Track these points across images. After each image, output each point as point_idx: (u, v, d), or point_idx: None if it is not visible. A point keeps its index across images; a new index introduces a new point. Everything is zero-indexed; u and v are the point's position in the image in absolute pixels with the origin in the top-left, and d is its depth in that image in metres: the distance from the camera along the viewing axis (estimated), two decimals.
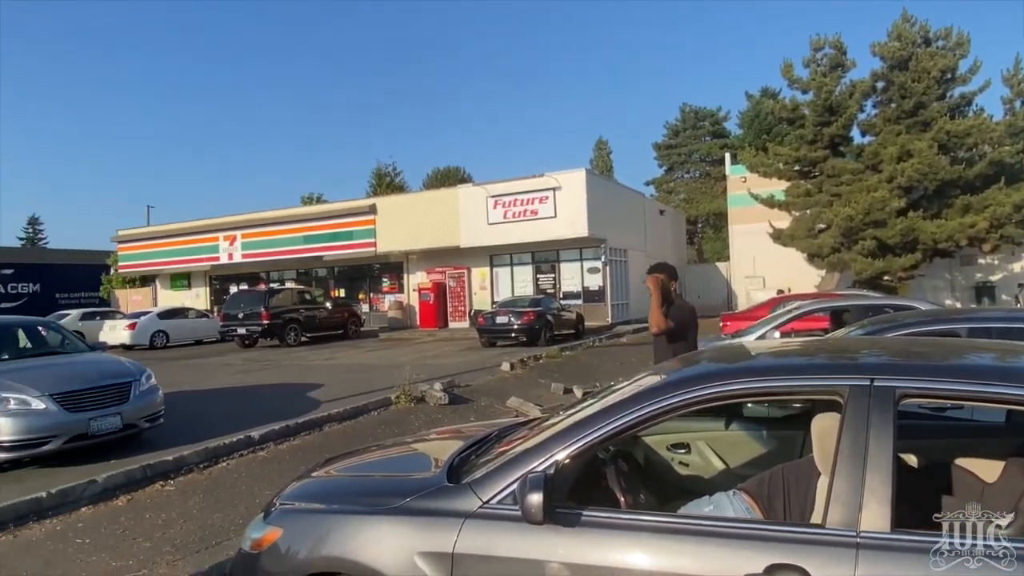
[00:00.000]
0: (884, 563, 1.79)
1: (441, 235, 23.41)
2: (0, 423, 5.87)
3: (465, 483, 2.41)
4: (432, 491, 2.42)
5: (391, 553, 2.25)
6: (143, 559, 4.09)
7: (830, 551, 1.84)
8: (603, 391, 3.18)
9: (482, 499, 2.26)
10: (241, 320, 19.91)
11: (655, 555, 2.02)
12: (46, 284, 35.28)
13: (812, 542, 1.89)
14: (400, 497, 2.41)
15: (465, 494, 2.32)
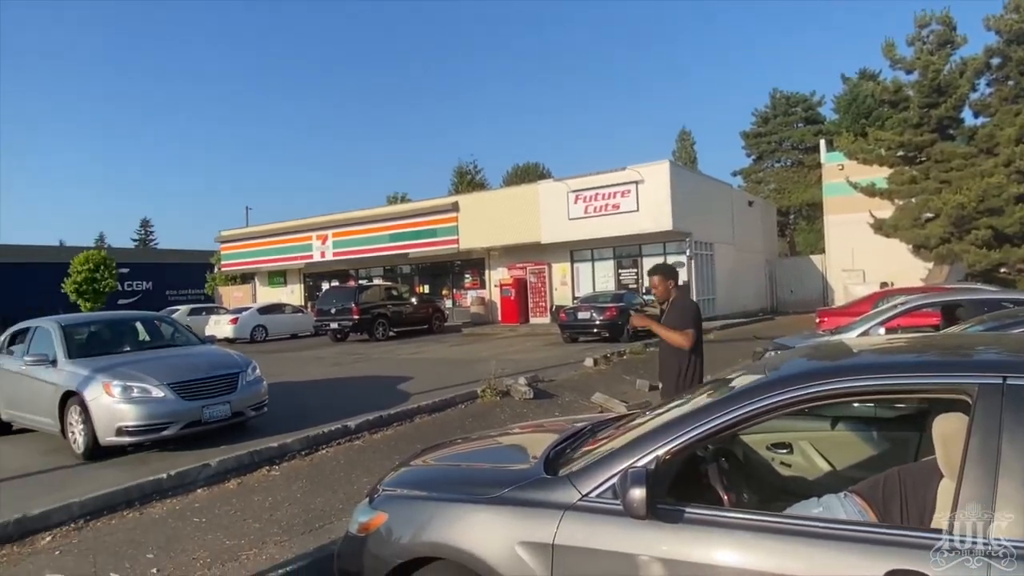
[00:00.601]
0: (1020, 574, 1.67)
1: (522, 231, 23.53)
2: (125, 409, 6.43)
3: (563, 476, 2.43)
4: (530, 483, 2.45)
5: (492, 541, 2.30)
6: (254, 539, 4.37)
7: (958, 558, 1.74)
8: (702, 388, 3.12)
9: (581, 492, 2.27)
10: (333, 315, 20.84)
11: (764, 556, 1.96)
12: (157, 282, 38.25)
13: (937, 548, 1.78)
14: (499, 487, 2.46)
15: (564, 487, 2.34)
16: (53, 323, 7.66)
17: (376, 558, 2.62)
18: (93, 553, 4.17)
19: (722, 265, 24.02)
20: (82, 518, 4.71)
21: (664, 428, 2.38)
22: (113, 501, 4.93)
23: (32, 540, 4.40)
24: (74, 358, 7.06)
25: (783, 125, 45.05)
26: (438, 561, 2.46)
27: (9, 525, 4.40)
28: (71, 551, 4.23)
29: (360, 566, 2.68)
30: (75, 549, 4.26)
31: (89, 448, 6.48)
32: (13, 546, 4.31)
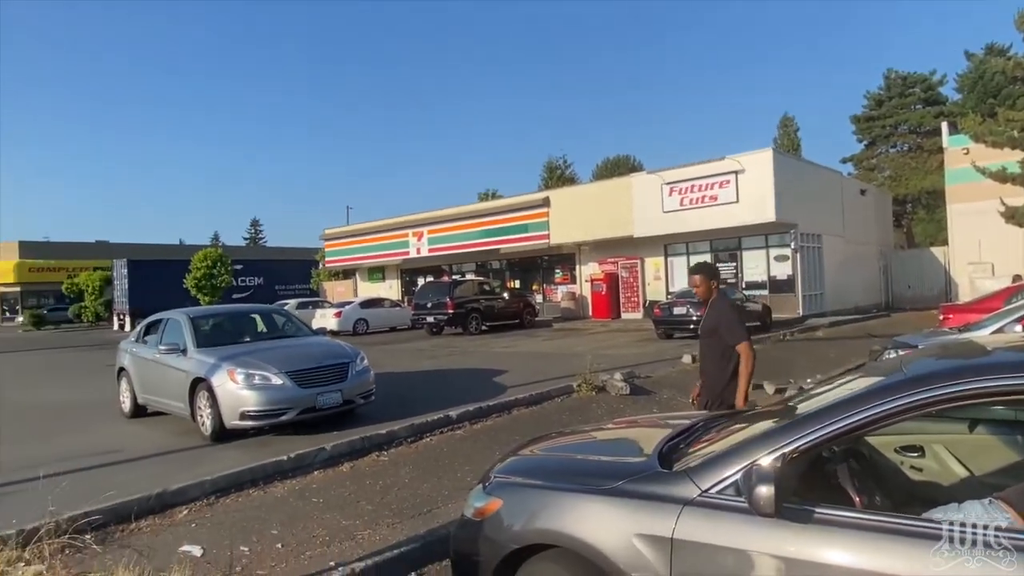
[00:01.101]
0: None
1: (613, 225, 23.23)
2: (248, 395, 6.91)
3: (680, 471, 2.42)
4: (646, 476, 2.45)
5: (608, 532, 2.32)
6: (367, 520, 4.58)
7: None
8: (827, 387, 2.98)
9: (700, 487, 2.26)
10: (429, 309, 21.48)
11: (906, 561, 1.85)
12: (267, 277, 40.70)
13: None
14: (614, 479, 2.47)
15: (682, 481, 2.32)
16: (183, 315, 8.36)
17: (492, 542, 2.69)
18: (224, 527, 4.52)
19: (831, 258, 22.63)
20: (213, 494, 5.11)
21: (790, 426, 2.32)
22: (240, 480, 5.32)
23: (171, 513, 4.82)
24: (202, 347, 7.67)
25: (899, 107, 41.77)
26: (553, 548, 2.51)
27: (151, 499, 4.83)
28: (204, 524, 4.60)
29: (476, 549, 2.76)
30: (208, 523, 4.63)
31: (216, 430, 7.02)
32: (155, 518, 4.74)
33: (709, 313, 4.55)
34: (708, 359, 4.55)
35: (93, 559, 3.94)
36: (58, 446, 7.31)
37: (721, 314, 4.44)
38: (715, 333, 4.44)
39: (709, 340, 4.54)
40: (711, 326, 4.47)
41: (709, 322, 4.51)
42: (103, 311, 39.66)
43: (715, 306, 4.53)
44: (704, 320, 4.62)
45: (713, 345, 4.48)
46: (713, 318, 4.49)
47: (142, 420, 8.67)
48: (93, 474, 5.94)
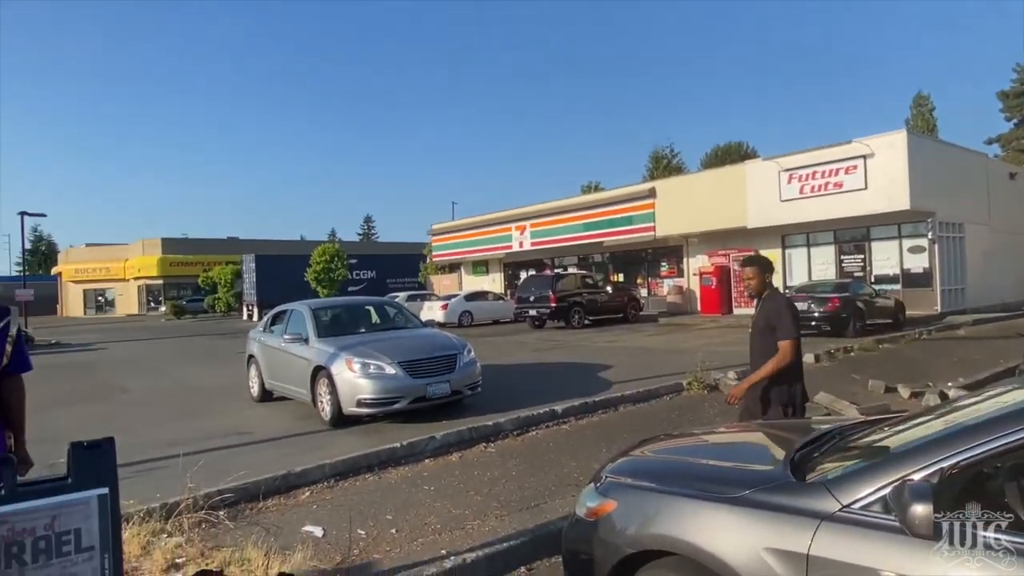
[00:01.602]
0: None
1: (725, 216, 22.20)
2: (364, 384, 7.21)
3: (817, 482, 2.23)
4: (777, 486, 2.29)
5: (735, 543, 2.19)
6: (476, 510, 4.62)
7: None
8: (986, 393, 2.65)
9: (841, 502, 2.08)
10: (532, 303, 21.58)
11: None
12: (379, 271, 42.59)
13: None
14: (740, 487, 2.33)
15: (819, 494, 2.15)
16: (305, 307, 8.86)
17: (605, 544, 2.61)
18: (342, 510, 4.71)
19: (974, 249, 20.42)
20: (333, 478, 5.35)
21: (950, 437, 2.08)
22: (356, 465, 5.54)
23: (295, 494, 5.10)
24: (322, 337, 8.09)
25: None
26: (671, 556, 2.40)
27: (277, 480, 5.13)
28: (325, 506, 4.83)
29: (589, 550, 2.69)
30: (328, 505, 4.85)
31: (335, 416, 7.38)
32: (280, 497, 5.03)
33: (764, 308, 4.36)
34: (761, 357, 4.30)
35: (226, 534, 4.23)
36: (196, 427, 7.98)
37: (780, 309, 4.25)
38: (770, 329, 4.25)
39: (763, 337, 4.33)
40: (767, 322, 4.29)
41: (764, 318, 4.32)
42: (234, 302, 43.17)
43: (771, 301, 4.35)
44: (758, 316, 4.41)
45: (768, 342, 4.27)
46: (769, 314, 4.30)
47: (268, 404, 9.29)
48: (226, 454, 6.42)
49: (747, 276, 4.41)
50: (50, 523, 1.90)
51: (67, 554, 1.92)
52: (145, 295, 55.56)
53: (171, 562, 3.76)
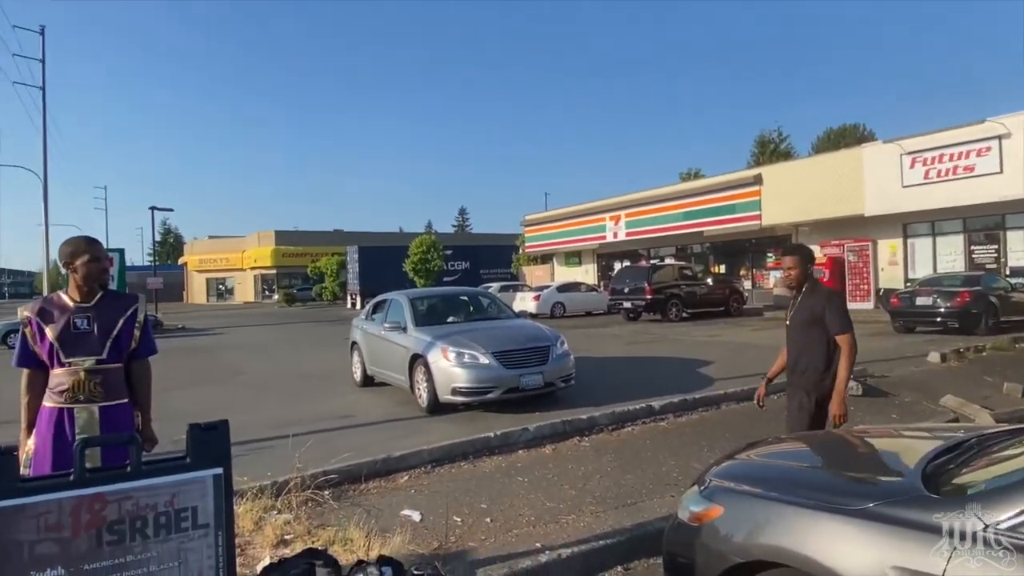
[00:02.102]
0: None
1: (839, 203, 20.75)
2: (459, 373, 7.30)
3: (956, 497, 1.99)
4: (908, 499, 2.07)
5: (856, 559, 2.01)
6: (571, 505, 4.54)
7: None
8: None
9: (985, 520, 1.85)
10: (626, 295, 21.15)
11: None
12: (473, 262, 43.32)
13: None
14: (864, 499, 2.13)
15: (959, 510, 1.94)
16: (404, 296, 9.10)
17: (710, 552, 2.47)
18: (439, 496, 4.78)
19: None
20: (430, 464, 5.45)
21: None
22: (452, 452, 5.62)
23: (394, 478, 5.23)
24: (419, 326, 8.28)
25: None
26: (784, 568, 2.22)
27: (378, 463, 5.28)
28: (422, 491, 4.91)
29: (692, 556, 2.56)
30: (425, 490, 4.94)
31: (431, 403, 7.54)
32: (380, 480, 5.16)
33: (805, 302, 4.01)
34: (803, 355, 3.98)
35: (330, 514, 4.40)
36: (303, 409, 8.41)
37: (828, 301, 3.94)
38: (816, 323, 3.91)
39: (806, 332, 3.98)
40: (811, 316, 3.94)
41: (808, 312, 3.96)
42: (339, 291, 45.34)
43: (815, 294, 4.03)
44: (797, 310, 4.07)
45: (810, 337, 3.95)
46: (814, 307, 3.94)
47: (370, 389, 9.64)
48: (331, 435, 6.70)
49: (787, 266, 4.10)
50: (170, 500, 2.01)
51: (185, 530, 2.02)
52: (260, 284, 59.52)
53: (280, 538, 3.95)
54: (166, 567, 1.98)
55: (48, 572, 1.85)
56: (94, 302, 2.95)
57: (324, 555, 3.30)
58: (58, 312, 2.89)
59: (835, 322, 3.86)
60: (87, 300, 2.95)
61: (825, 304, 3.91)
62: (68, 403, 2.82)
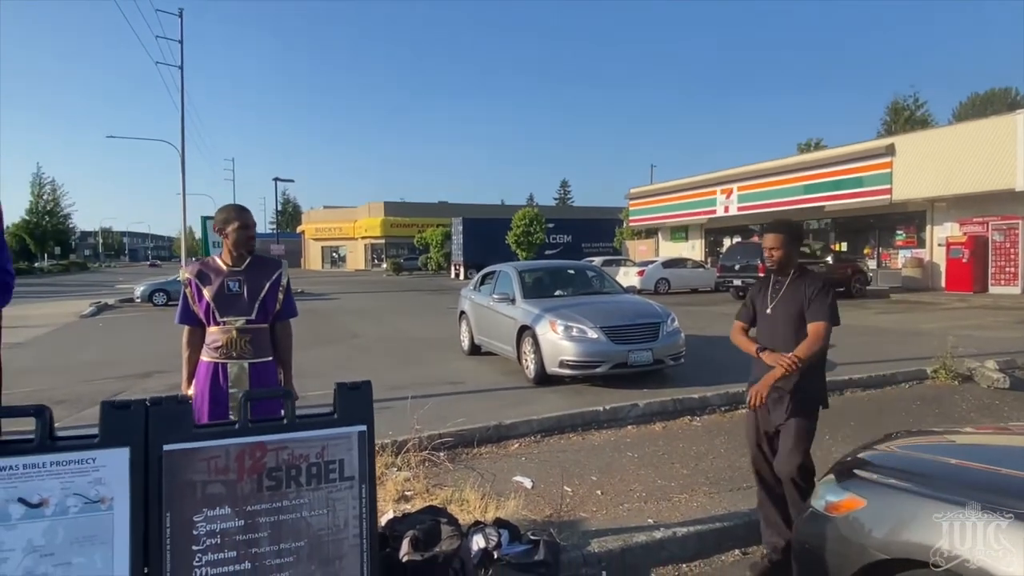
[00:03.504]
0: None
1: (985, 176, 18.69)
2: (567, 346, 7.32)
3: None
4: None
5: (1021, 567, 1.81)
6: (683, 484, 4.47)
7: None
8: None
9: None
10: (737, 272, 20.29)
11: None
12: (575, 235, 43.09)
13: None
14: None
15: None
16: (512, 268, 9.20)
17: (849, 544, 2.35)
18: (549, 465, 4.85)
19: None
20: (539, 433, 5.54)
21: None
22: (561, 424, 5.67)
23: (505, 444, 5.36)
24: (527, 298, 8.36)
25: None
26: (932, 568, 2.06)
27: (490, 429, 5.43)
28: (533, 459, 5.01)
29: (828, 547, 2.44)
30: (535, 459, 5.03)
31: (538, 374, 7.62)
32: (492, 446, 5.32)
33: (792, 290, 3.36)
34: (786, 350, 3.23)
35: (446, 474, 4.58)
36: (415, 373, 8.78)
37: (823, 290, 3.27)
38: (802, 316, 3.29)
39: (790, 324, 3.32)
40: (799, 308, 3.30)
41: (794, 302, 3.32)
42: (443, 261, 46.69)
43: (804, 279, 3.37)
44: (783, 298, 3.38)
45: (799, 332, 3.27)
46: (801, 296, 3.30)
47: (477, 357, 9.89)
48: (442, 400, 6.95)
49: (769, 245, 3.41)
50: (320, 452, 2.16)
51: (333, 481, 2.17)
52: (370, 253, 62.39)
53: (401, 494, 4.16)
54: (317, 513, 2.14)
55: (217, 510, 2.05)
56: (244, 266, 3.19)
57: (445, 513, 3.44)
58: (214, 275, 3.16)
59: (820, 310, 3.24)
60: (238, 264, 3.19)
61: (817, 292, 3.29)
62: (222, 358, 3.08)
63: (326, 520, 2.15)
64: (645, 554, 3.49)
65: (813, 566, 2.52)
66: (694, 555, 3.60)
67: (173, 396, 2.12)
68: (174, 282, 22.38)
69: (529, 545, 3.20)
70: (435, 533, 2.97)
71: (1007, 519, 1.93)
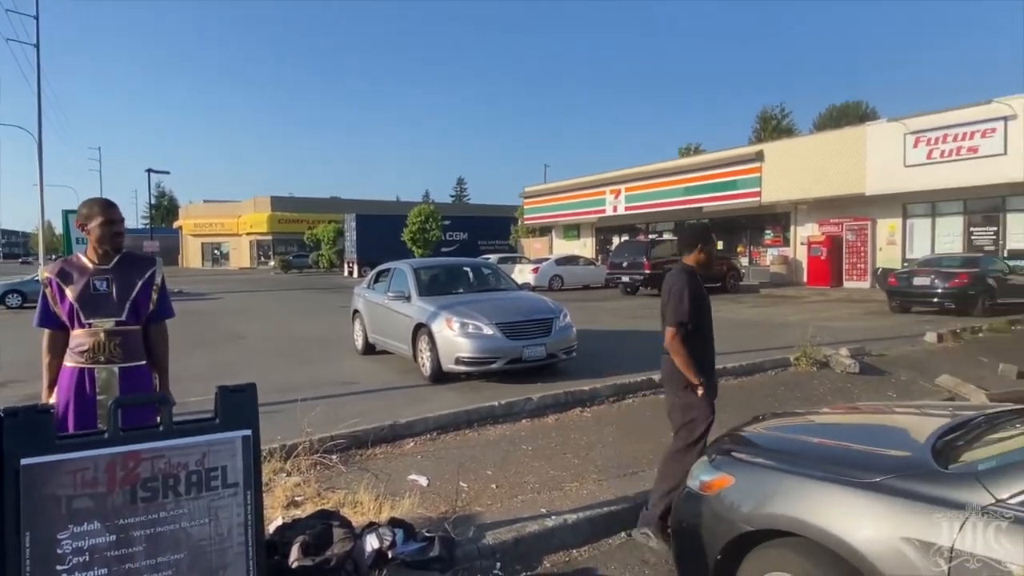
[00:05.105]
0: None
1: (840, 181, 20.71)
2: (463, 343, 7.36)
3: (966, 472, 2.07)
4: (919, 474, 2.14)
5: (868, 530, 2.08)
6: (574, 473, 4.64)
7: None
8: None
9: (995, 496, 1.93)
10: (625, 269, 21.23)
11: None
12: (471, 232, 43.24)
13: None
14: (875, 473, 2.21)
15: (968, 484, 2.01)
16: (407, 266, 9.12)
17: (720, 519, 2.56)
18: (445, 462, 4.87)
19: None
20: (435, 430, 5.54)
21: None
22: (457, 420, 5.70)
23: (400, 443, 5.31)
24: (423, 295, 8.31)
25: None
26: (792, 537, 2.31)
27: (385, 429, 5.36)
28: (428, 457, 5.01)
29: (701, 523, 2.63)
30: (431, 456, 5.03)
31: (434, 372, 7.62)
32: (387, 446, 5.25)
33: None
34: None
35: (338, 477, 4.49)
36: (306, 374, 8.48)
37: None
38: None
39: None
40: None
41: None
42: (335, 259, 45.27)
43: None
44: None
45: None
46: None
47: (372, 357, 9.71)
48: (335, 401, 6.78)
49: (713, 252, 4.09)
50: (201, 459, 2.06)
51: (215, 488, 2.08)
52: (256, 250, 59.31)
53: (291, 499, 4.03)
54: (197, 523, 2.04)
55: (85, 526, 1.91)
56: (112, 264, 2.97)
57: (337, 516, 3.38)
58: (77, 273, 2.91)
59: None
60: (105, 262, 2.96)
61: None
62: (89, 363, 2.85)
63: (208, 530, 2.05)
64: (537, 543, 3.61)
65: (689, 543, 2.71)
66: (584, 541, 3.76)
67: (32, 405, 1.94)
68: (31, 282, 20.16)
69: (424, 542, 3.22)
70: (326, 537, 2.91)
71: (854, 489, 2.18)
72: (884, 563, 1.99)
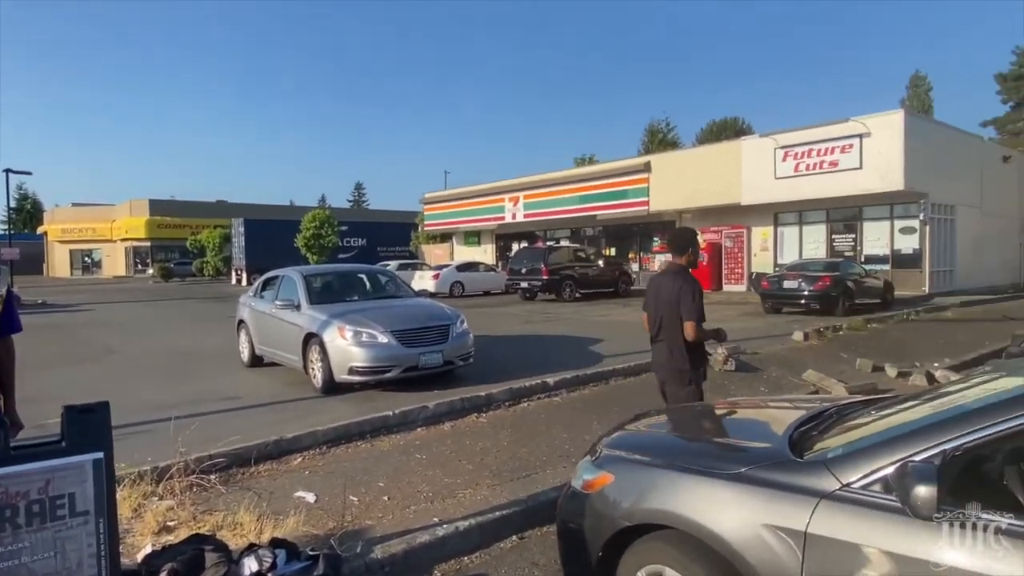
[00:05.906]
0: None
1: (719, 192, 22.15)
2: (356, 352, 7.18)
3: (816, 460, 2.25)
4: (776, 464, 2.30)
5: (733, 519, 2.21)
6: (468, 479, 4.63)
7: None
8: (991, 375, 2.66)
9: (841, 480, 2.09)
10: (523, 275, 21.56)
11: None
12: (370, 239, 42.29)
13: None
14: (738, 464, 2.35)
15: (819, 472, 2.16)
16: (297, 273, 8.77)
17: (601, 517, 2.62)
18: (335, 476, 4.71)
19: (964, 232, 20.56)
20: (325, 444, 5.34)
21: (955, 419, 2.08)
22: (349, 432, 5.54)
23: (287, 460, 5.08)
24: (314, 304, 8.03)
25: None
26: (667, 530, 2.41)
27: (269, 445, 5.11)
28: (317, 472, 4.82)
29: (584, 522, 2.70)
30: (320, 471, 4.85)
31: (326, 383, 7.37)
32: (272, 463, 5.00)
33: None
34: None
35: (218, 499, 4.22)
36: (186, 390, 7.94)
37: None
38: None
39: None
40: None
41: None
42: (222, 266, 42.78)
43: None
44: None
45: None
46: None
47: (259, 369, 9.25)
48: (217, 418, 6.39)
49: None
50: (44, 487, 1.87)
51: (61, 518, 1.89)
52: (132, 257, 54.96)
53: (163, 525, 3.75)
54: (40, 558, 1.84)
55: None
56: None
57: (212, 540, 3.18)
58: None
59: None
60: None
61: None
62: None
63: (54, 563, 1.86)
64: (428, 553, 3.57)
65: (573, 542, 2.77)
66: (475, 547, 3.76)
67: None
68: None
69: (308, 562, 3.09)
70: (198, 563, 2.73)
71: (718, 480, 2.31)
72: (749, 551, 2.11)
